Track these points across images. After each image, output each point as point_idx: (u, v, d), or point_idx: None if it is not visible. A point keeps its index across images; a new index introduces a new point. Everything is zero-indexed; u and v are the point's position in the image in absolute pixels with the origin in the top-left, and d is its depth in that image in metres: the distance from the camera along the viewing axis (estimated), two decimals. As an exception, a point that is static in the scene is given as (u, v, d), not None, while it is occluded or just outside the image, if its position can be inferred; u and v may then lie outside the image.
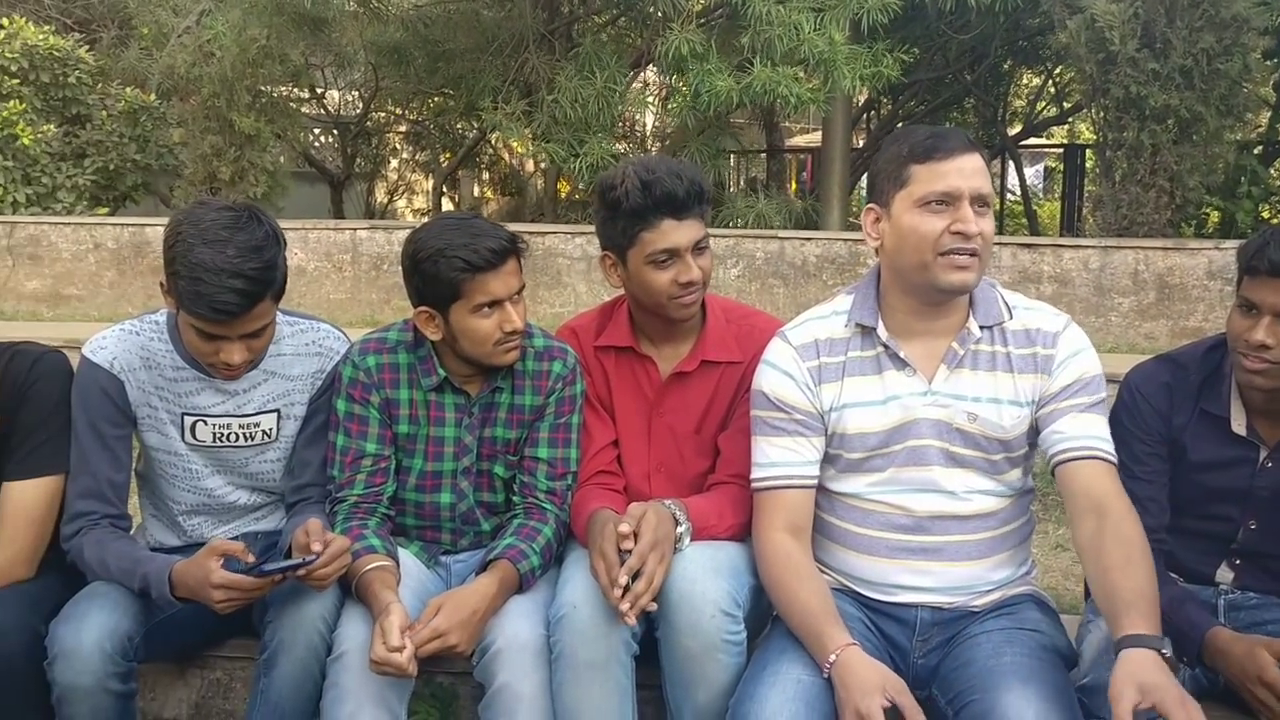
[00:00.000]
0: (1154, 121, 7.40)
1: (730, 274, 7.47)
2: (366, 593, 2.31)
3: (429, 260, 2.41)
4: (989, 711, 2.05)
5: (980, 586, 2.32)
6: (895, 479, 2.31)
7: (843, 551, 2.38)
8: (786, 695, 2.11)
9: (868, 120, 14.73)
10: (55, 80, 9.53)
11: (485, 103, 8.93)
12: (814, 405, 2.34)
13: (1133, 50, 7.25)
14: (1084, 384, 2.28)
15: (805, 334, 2.38)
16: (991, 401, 2.28)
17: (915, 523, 2.30)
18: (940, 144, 2.21)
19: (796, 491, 2.34)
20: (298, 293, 7.76)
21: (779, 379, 2.36)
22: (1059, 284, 7.21)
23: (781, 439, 2.35)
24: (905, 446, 2.29)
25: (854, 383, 2.33)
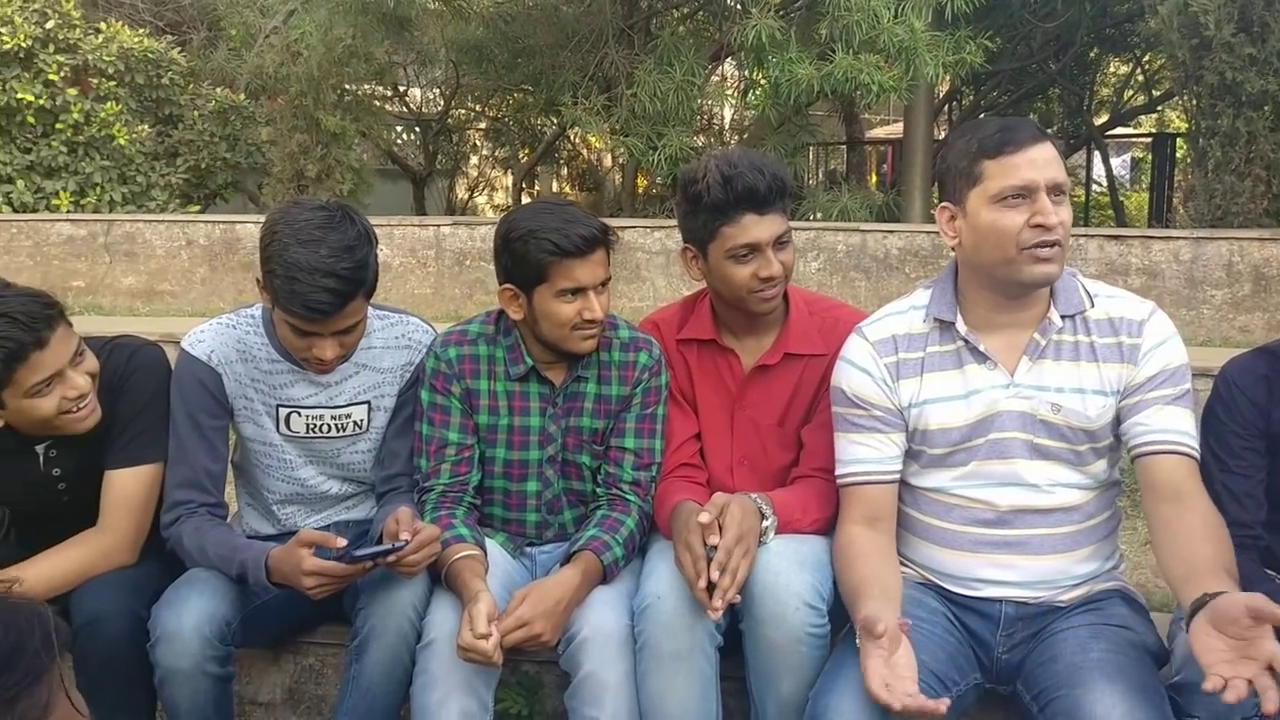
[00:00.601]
0: (1250, 108, 7.20)
1: (811, 267, 7.42)
2: (456, 581, 2.35)
3: (519, 240, 2.44)
4: (1075, 708, 2.03)
5: (1065, 581, 2.29)
6: (978, 473, 2.29)
7: (926, 546, 2.37)
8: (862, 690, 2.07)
9: (950, 111, 14.52)
10: (149, 81, 9.80)
11: (565, 98, 8.98)
12: (892, 402, 2.33)
13: (1228, 35, 7.05)
14: (1169, 374, 2.25)
15: (882, 330, 2.37)
16: (1075, 391, 2.25)
17: (998, 516, 2.29)
18: (1011, 137, 2.18)
19: (876, 487, 2.34)
20: (384, 288, 7.81)
21: (856, 376, 2.36)
22: (1148, 276, 7.04)
23: (861, 435, 2.35)
24: (988, 440, 2.27)
25: (934, 378, 2.32)
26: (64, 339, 2.31)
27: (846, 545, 2.31)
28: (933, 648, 2.23)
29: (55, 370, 2.30)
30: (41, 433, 2.42)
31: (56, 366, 2.30)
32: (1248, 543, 2.36)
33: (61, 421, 2.36)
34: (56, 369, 2.30)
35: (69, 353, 2.32)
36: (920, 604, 2.32)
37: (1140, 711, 2.00)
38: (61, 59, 9.26)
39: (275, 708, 2.79)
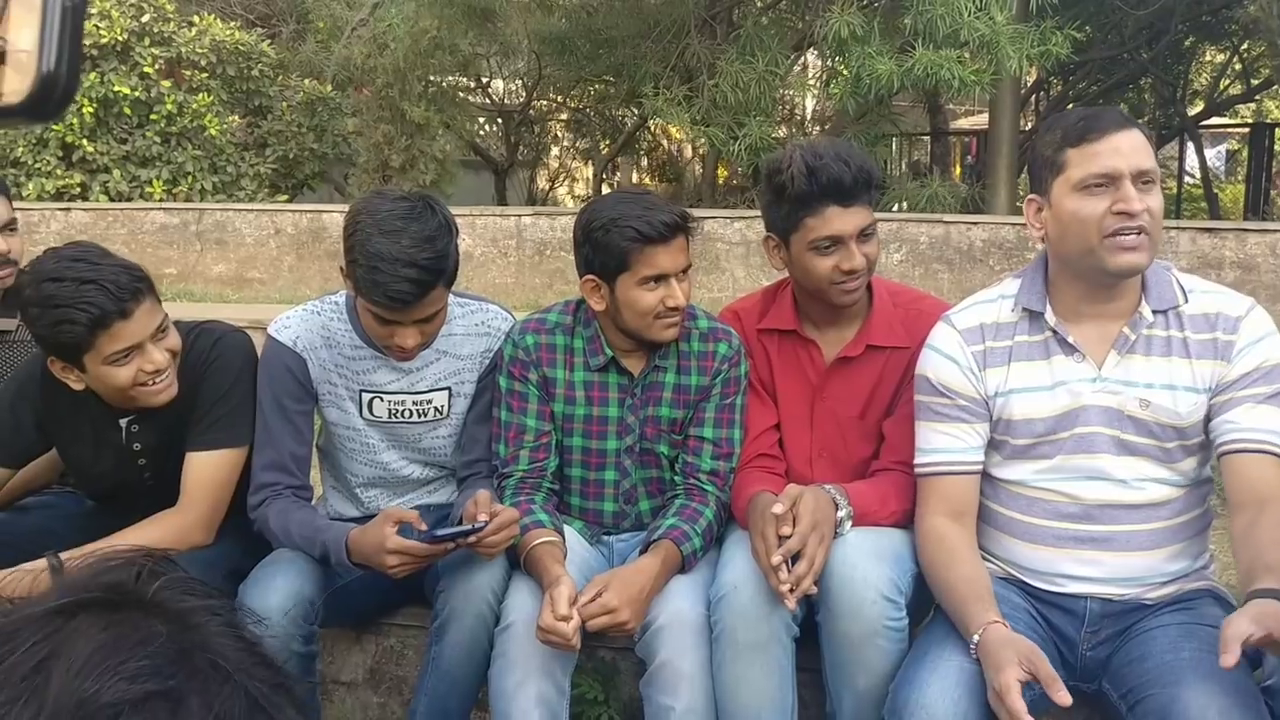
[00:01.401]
0: (1352, 97, 6.97)
1: (894, 259, 7.35)
2: (536, 566, 2.37)
3: (601, 229, 2.45)
4: (1168, 707, 1.99)
5: (1153, 578, 2.24)
6: (1062, 466, 2.25)
7: (1008, 540, 2.33)
8: (948, 682, 2.09)
9: (1037, 101, 14.25)
10: (240, 74, 10.03)
11: (646, 88, 8.99)
12: (978, 391, 2.30)
13: (1329, 22, 6.84)
14: (1265, 372, 2.17)
15: (970, 318, 2.35)
16: (1166, 388, 2.20)
17: (1083, 511, 2.24)
18: (1094, 124, 2.16)
19: (959, 478, 2.31)
20: (465, 277, 7.90)
21: (943, 364, 2.33)
22: (1242, 270, 6.86)
23: (944, 425, 2.32)
24: (1073, 434, 2.23)
25: (1021, 368, 2.29)
26: (149, 312, 2.36)
27: (936, 539, 2.28)
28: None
29: (135, 342, 2.34)
30: (117, 402, 2.48)
31: (138, 338, 2.34)
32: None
33: (137, 392, 2.40)
34: (137, 340, 2.34)
35: (152, 326, 2.36)
36: (1003, 599, 2.27)
37: (1236, 712, 1.95)
38: (156, 52, 9.51)
39: (357, 687, 2.85)
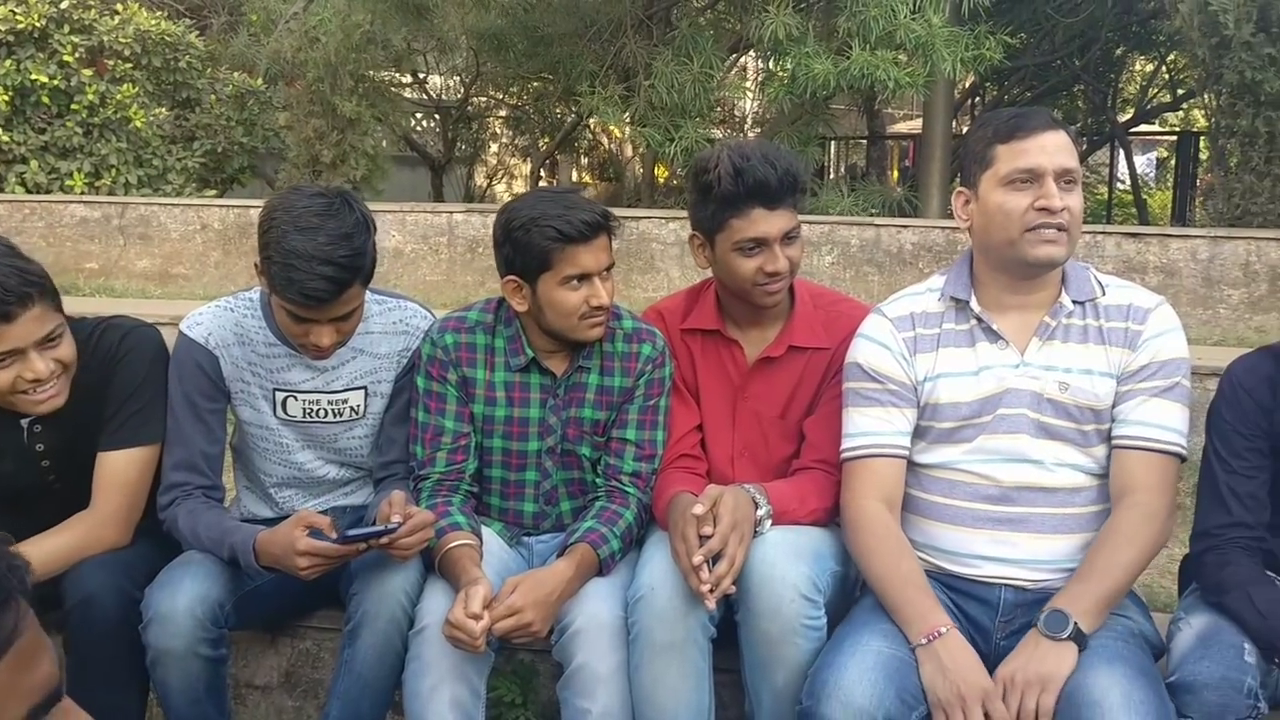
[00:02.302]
0: (1270, 108, 7.14)
1: (825, 261, 7.40)
2: (452, 568, 2.34)
3: (521, 229, 2.42)
4: (1074, 690, 2.04)
5: (1064, 564, 2.29)
6: (984, 448, 2.32)
7: (928, 524, 2.38)
8: (865, 665, 2.12)
9: (972, 106, 14.44)
10: (166, 65, 9.81)
11: (582, 87, 8.97)
12: (908, 376, 2.37)
13: (1248, 34, 6.99)
14: (1162, 365, 2.29)
15: (901, 308, 2.43)
16: (1084, 372, 2.30)
17: (1002, 493, 2.31)
18: (1022, 123, 2.27)
19: (887, 460, 2.36)
20: (395, 274, 7.90)
21: (875, 350, 2.40)
22: (1165, 275, 7.00)
23: (874, 409, 2.37)
24: (996, 415, 2.31)
25: (948, 353, 2.37)
26: (37, 319, 2.27)
27: (880, 526, 2.32)
28: None
29: (16, 347, 2.26)
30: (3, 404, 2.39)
31: (19, 343, 2.26)
32: (1250, 544, 2.35)
33: (15, 399, 2.33)
34: (18, 346, 2.26)
35: (39, 333, 2.28)
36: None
37: (1139, 692, 2.01)
38: (76, 40, 9.29)
39: (271, 691, 2.80)
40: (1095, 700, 2.00)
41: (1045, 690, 2.07)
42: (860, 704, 2.05)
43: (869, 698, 2.06)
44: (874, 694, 2.06)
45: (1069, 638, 2.10)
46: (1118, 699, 1.99)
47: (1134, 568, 2.23)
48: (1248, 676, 2.10)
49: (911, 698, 2.12)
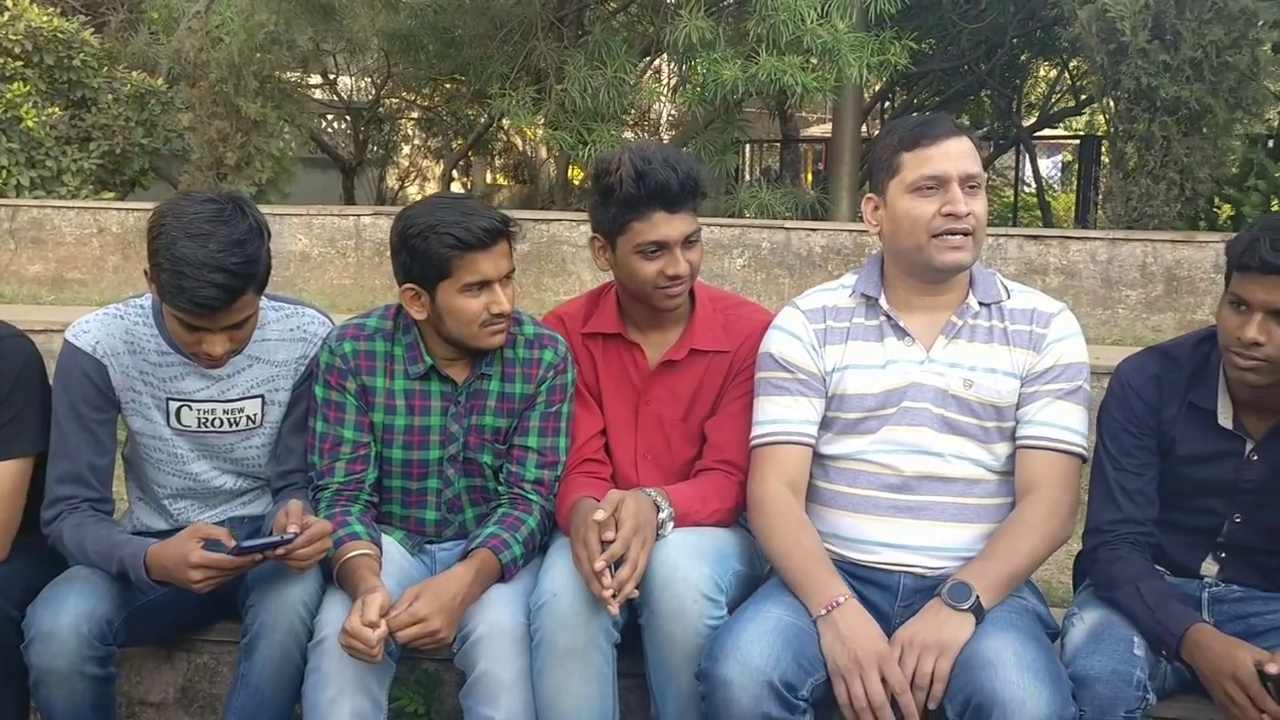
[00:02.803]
0: (1165, 113, 7.35)
1: (736, 264, 7.44)
2: (350, 578, 2.31)
3: (419, 236, 2.39)
4: (968, 655, 2.12)
5: (962, 552, 2.35)
6: (887, 439, 2.39)
7: (831, 513, 2.43)
8: (765, 629, 2.17)
9: (882, 110, 14.65)
10: (59, 63, 9.46)
11: (494, 89, 8.91)
12: (817, 366, 2.44)
13: (1143, 41, 7.19)
14: (1064, 369, 2.38)
15: (814, 301, 2.52)
16: (988, 371, 2.39)
17: (903, 482, 2.38)
18: (927, 130, 2.36)
19: (794, 448, 2.43)
20: (302, 278, 7.77)
21: (786, 340, 2.47)
22: (1066, 276, 7.16)
23: (783, 398, 2.44)
24: (900, 408, 2.39)
25: (856, 346, 2.45)
26: None
27: (783, 506, 2.39)
28: None
29: None
30: None
31: None
32: (1140, 540, 2.42)
33: None
34: None
35: None
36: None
37: (1030, 651, 2.10)
38: (-41, 36, 8.94)
39: (167, 707, 2.73)
40: (990, 660, 2.08)
41: (943, 655, 2.14)
42: (757, 664, 2.10)
43: (766, 658, 2.10)
44: (771, 654, 2.11)
45: (969, 609, 2.18)
46: (1010, 658, 2.07)
47: (1035, 555, 2.31)
48: (1137, 669, 2.17)
49: (809, 663, 2.17)
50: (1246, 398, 2.36)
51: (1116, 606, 2.35)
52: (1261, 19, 7.24)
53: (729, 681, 2.09)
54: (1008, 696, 2.01)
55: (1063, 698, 2.04)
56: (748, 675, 2.09)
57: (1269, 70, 8.14)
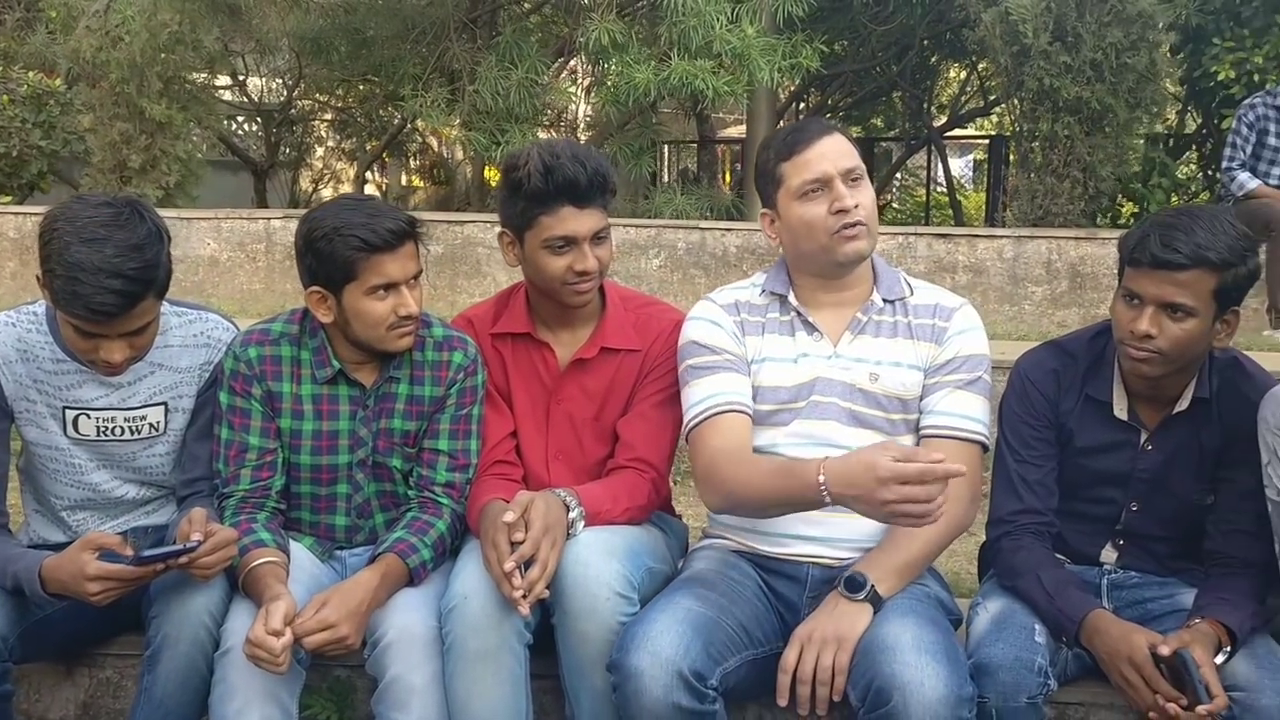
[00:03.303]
0: (1067, 113, 7.54)
1: (652, 264, 7.47)
2: (255, 587, 2.27)
3: (324, 239, 2.37)
4: (869, 641, 2.16)
5: (868, 543, 2.39)
6: (797, 431, 2.42)
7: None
8: (675, 619, 2.18)
9: (797, 111, 14.81)
10: (-51, 63, 9.20)
11: (406, 90, 8.84)
12: (742, 350, 2.48)
13: (1045, 43, 7.37)
14: (964, 360, 2.44)
15: (728, 297, 2.55)
16: (893, 365, 2.44)
17: None
18: (799, 136, 2.41)
19: (735, 415, 2.42)
20: (211, 283, 7.63)
21: (709, 327, 2.50)
22: (974, 273, 7.31)
23: (715, 375, 2.45)
24: (810, 402, 2.42)
25: (771, 339, 2.49)
26: None
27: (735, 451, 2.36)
28: (744, 605, 2.34)
29: None
30: None
31: None
32: (1041, 529, 2.48)
33: None
34: None
35: None
36: (733, 567, 2.44)
37: (929, 635, 2.14)
38: None
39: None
40: (889, 645, 2.12)
41: (840, 648, 2.18)
42: (667, 654, 2.11)
43: (676, 648, 2.11)
44: (681, 644, 2.12)
45: (865, 599, 2.23)
46: (909, 641, 2.11)
47: (934, 542, 2.35)
48: (1038, 656, 2.22)
49: (718, 653, 2.19)
50: (1140, 389, 2.44)
51: (1018, 595, 2.41)
52: (1159, 21, 7.45)
53: (639, 672, 2.10)
54: (906, 679, 2.05)
55: (960, 677, 2.08)
56: (658, 665, 2.10)
57: (1167, 71, 8.41)
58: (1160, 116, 9.20)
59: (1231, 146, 6.53)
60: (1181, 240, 2.23)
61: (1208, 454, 2.43)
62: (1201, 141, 9.91)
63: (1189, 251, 2.22)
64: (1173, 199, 8.64)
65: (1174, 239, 2.24)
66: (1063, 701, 2.41)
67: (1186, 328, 2.27)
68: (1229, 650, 2.20)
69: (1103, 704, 2.41)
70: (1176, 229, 2.25)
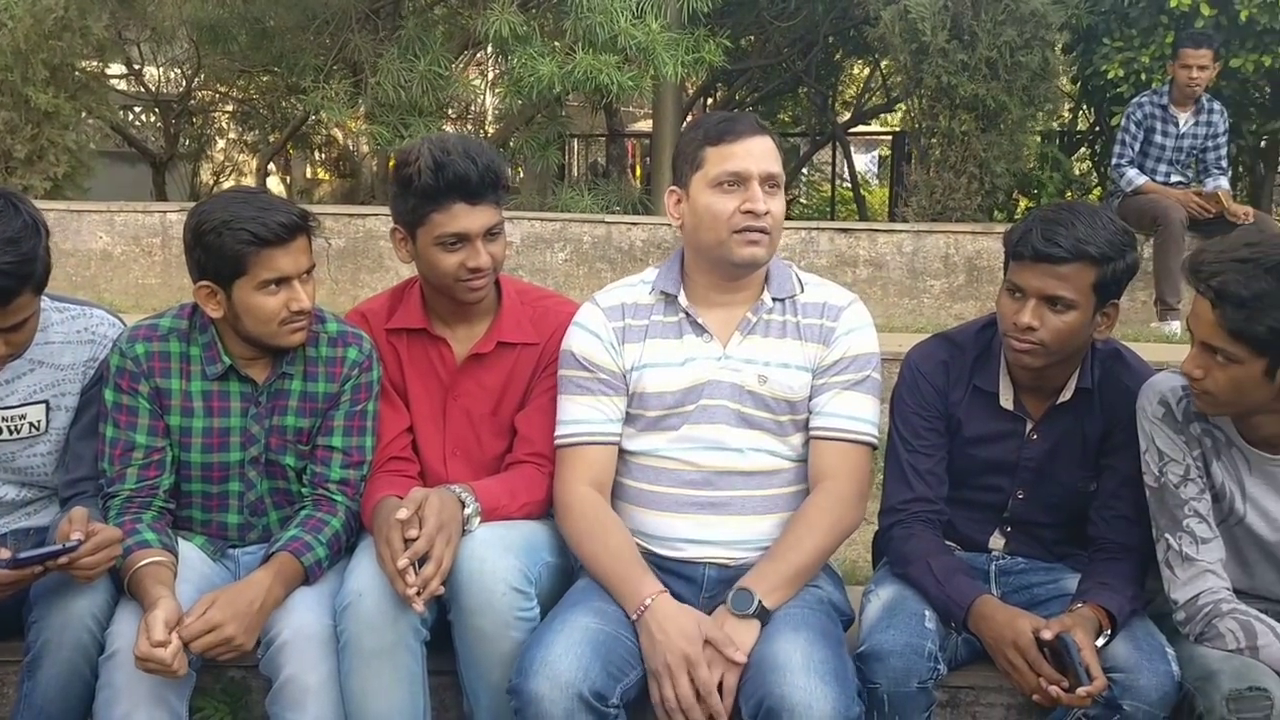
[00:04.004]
0: (964, 110, 7.69)
1: (558, 258, 7.45)
2: (139, 589, 2.23)
3: (213, 232, 2.32)
4: (759, 658, 2.16)
5: (764, 542, 2.41)
6: (687, 435, 2.42)
7: (635, 510, 2.46)
8: (573, 640, 2.18)
9: (704, 106, 14.88)
10: None
11: (308, 82, 8.68)
12: (617, 364, 2.45)
13: (943, 41, 7.51)
14: (852, 360, 2.44)
15: (613, 298, 2.52)
16: (781, 366, 2.43)
17: (704, 478, 2.41)
18: (731, 127, 2.38)
19: (599, 448, 2.44)
20: (104, 278, 7.41)
21: (587, 339, 2.47)
22: (874, 268, 7.43)
23: (586, 397, 2.45)
24: (699, 405, 2.42)
25: (655, 344, 2.46)
26: None
27: (590, 508, 2.40)
28: None
29: None
30: None
31: None
32: (931, 517, 2.53)
33: None
34: None
35: None
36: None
37: (819, 653, 2.15)
38: None
39: (-54, 734, 2.57)
40: (780, 664, 2.13)
41: (728, 669, 2.20)
42: (566, 678, 2.11)
43: (575, 671, 2.12)
44: (580, 666, 2.12)
45: (753, 614, 2.23)
46: (799, 660, 2.12)
47: (820, 550, 2.37)
48: (928, 642, 2.27)
49: (618, 669, 2.20)
50: (1025, 380, 2.50)
51: (909, 582, 2.45)
52: (1052, 21, 7.63)
53: (540, 697, 2.10)
54: (795, 701, 2.07)
55: (848, 698, 2.11)
56: (558, 689, 2.10)
57: (1060, 69, 8.62)
58: (1054, 114, 9.43)
59: (1121, 144, 6.74)
60: (1062, 235, 2.29)
61: (1090, 442, 2.50)
62: (1094, 138, 10.18)
63: (1069, 245, 2.29)
64: (1067, 194, 8.86)
65: (1055, 233, 2.30)
66: (953, 685, 2.47)
67: (1067, 320, 2.33)
68: (1109, 633, 2.27)
69: (992, 687, 2.48)
70: (1057, 224, 2.31)
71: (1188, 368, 2.21)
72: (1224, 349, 2.13)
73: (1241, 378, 2.15)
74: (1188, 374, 2.22)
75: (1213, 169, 6.75)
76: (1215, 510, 2.33)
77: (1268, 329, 2.08)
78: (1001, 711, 2.50)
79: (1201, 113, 6.69)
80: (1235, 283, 2.08)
